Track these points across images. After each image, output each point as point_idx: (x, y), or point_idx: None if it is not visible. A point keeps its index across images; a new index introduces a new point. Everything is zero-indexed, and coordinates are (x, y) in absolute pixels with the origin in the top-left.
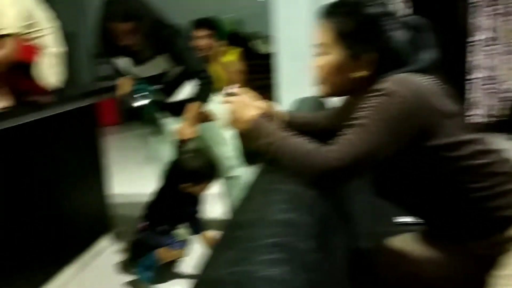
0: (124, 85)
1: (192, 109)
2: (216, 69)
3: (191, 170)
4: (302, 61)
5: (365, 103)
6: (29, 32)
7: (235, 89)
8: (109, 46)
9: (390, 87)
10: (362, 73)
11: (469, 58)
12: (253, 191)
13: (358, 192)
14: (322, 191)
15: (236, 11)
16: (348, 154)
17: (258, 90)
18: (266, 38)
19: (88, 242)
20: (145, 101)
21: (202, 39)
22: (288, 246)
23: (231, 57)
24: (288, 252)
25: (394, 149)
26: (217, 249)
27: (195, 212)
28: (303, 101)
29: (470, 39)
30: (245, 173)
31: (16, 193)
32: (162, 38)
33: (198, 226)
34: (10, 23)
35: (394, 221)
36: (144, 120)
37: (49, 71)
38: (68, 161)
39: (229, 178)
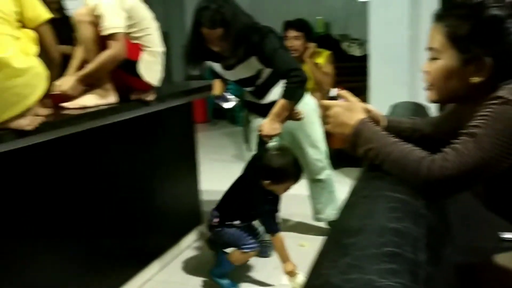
0: (217, 87)
1: (278, 106)
2: (305, 71)
3: (274, 168)
4: (397, 65)
5: (479, 112)
6: (134, 31)
7: (338, 91)
8: (201, 50)
9: (507, 96)
10: (475, 79)
11: None
12: (358, 197)
13: (462, 203)
14: (430, 201)
15: (327, 13)
16: (459, 164)
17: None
18: (358, 41)
19: (177, 237)
20: (235, 103)
21: (292, 41)
22: (402, 257)
23: (320, 59)
24: (403, 263)
25: (510, 162)
26: (327, 254)
27: (273, 211)
28: (399, 106)
29: None
30: (332, 176)
31: (116, 185)
32: (252, 43)
33: (272, 225)
34: (118, 23)
35: (500, 236)
36: (234, 121)
37: (152, 69)
38: (165, 156)
39: (316, 181)
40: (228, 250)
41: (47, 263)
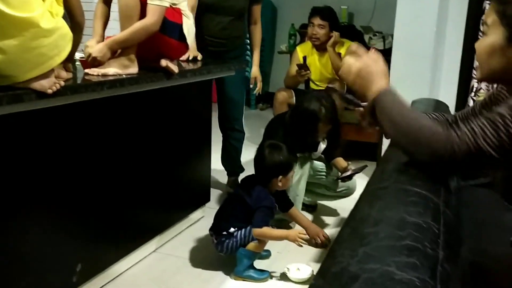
0: None
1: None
2: (326, 60)
3: (282, 161)
4: (420, 61)
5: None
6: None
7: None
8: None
9: None
10: None
11: None
12: (378, 188)
13: (475, 207)
14: (437, 172)
15: (352, 3)
16: (465, 144)
17: None
18: (381, 34)
19: (185, 212)
20: None
21: (316, 28)
22: (421, 252)
23: (342, 49)
24: (422, 258)
25: None
26: (344, 242)
27: (272, 208)
28: (419, 102)
29: None
30: None
31: (127, 156)
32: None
33: (285, 204)
34: None
35: None
36: (249, 104)
37: (190, 32)
38: (180, 131)
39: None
40: None
41: (50, 230)
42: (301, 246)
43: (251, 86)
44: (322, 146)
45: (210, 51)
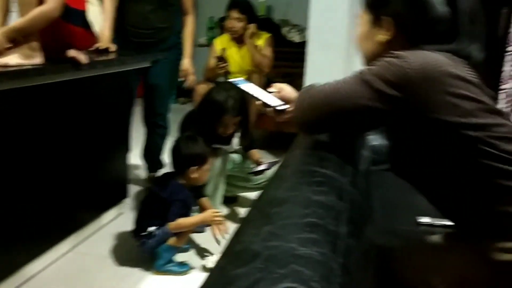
0: None
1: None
2: (244, 52)
3: (197, 152)
4: (334, 52)
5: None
6: None
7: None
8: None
9: (401, 53)
10: (380, 38)
11: (504, 68)
12: (286, 171)
13: (384, 188)
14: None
15: None
16: (311, 98)
17: (285, 78)
18: (298, 27)
19: (101, 209)
20: None
21: (233, 21)
22: (323, 228)
23: (260, 41)
24: (324, 234)
25: (371, 111)
26: (250, 222)
27: (186, 202)
28: None
29: (508, 48)
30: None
31: (36, 152)
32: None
33: (174, 216)
34: None
35: (417, 221)
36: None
37: (97, 18)
38: (94, 125)
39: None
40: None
41: None
42: (221, 223)
43: (182, 79)
44: (235, 141)
45: (136, 43)
